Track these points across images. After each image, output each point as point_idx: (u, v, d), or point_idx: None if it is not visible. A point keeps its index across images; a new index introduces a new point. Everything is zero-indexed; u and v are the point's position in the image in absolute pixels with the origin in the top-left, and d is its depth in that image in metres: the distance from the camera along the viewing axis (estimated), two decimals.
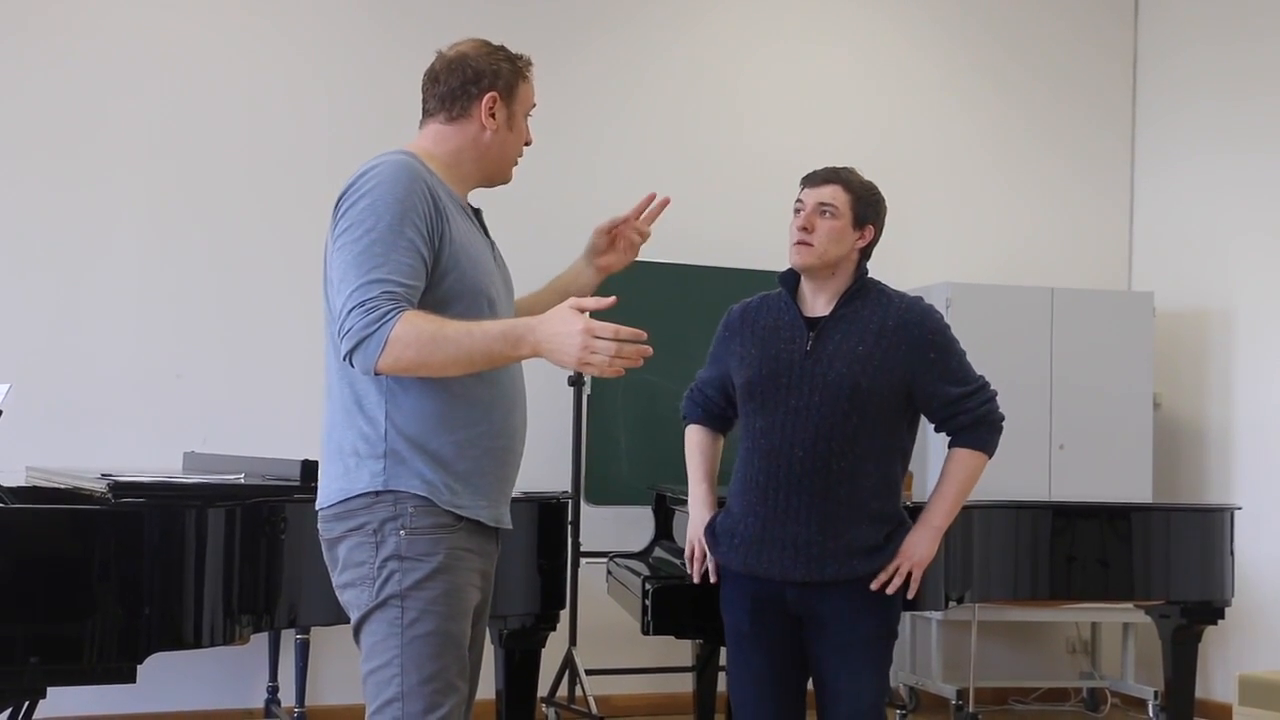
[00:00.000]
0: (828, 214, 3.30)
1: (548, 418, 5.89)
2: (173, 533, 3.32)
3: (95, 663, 3.23)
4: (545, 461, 5.78)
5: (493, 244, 2.84)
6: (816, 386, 3.23)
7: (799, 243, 3.31)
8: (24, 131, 5.53)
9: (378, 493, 2.60)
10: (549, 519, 4.00)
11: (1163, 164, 7.05)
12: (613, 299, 2.55)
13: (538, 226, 6.07)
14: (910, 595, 3.32)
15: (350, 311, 2.50)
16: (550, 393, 5.77)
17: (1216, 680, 6.30)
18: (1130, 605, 5.44)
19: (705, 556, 3.44)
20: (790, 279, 3.40)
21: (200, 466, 4.34)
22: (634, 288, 5.83)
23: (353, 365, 2.53)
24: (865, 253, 3.38)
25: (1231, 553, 4.74)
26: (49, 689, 3.23)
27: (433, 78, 2.81)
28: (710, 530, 3.43)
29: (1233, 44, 6.64)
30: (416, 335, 2.48)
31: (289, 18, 5.82)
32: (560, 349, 2.49)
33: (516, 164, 2.89)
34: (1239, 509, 4.88)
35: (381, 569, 2.58)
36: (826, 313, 3.32)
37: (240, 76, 5.77)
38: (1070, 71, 7.13)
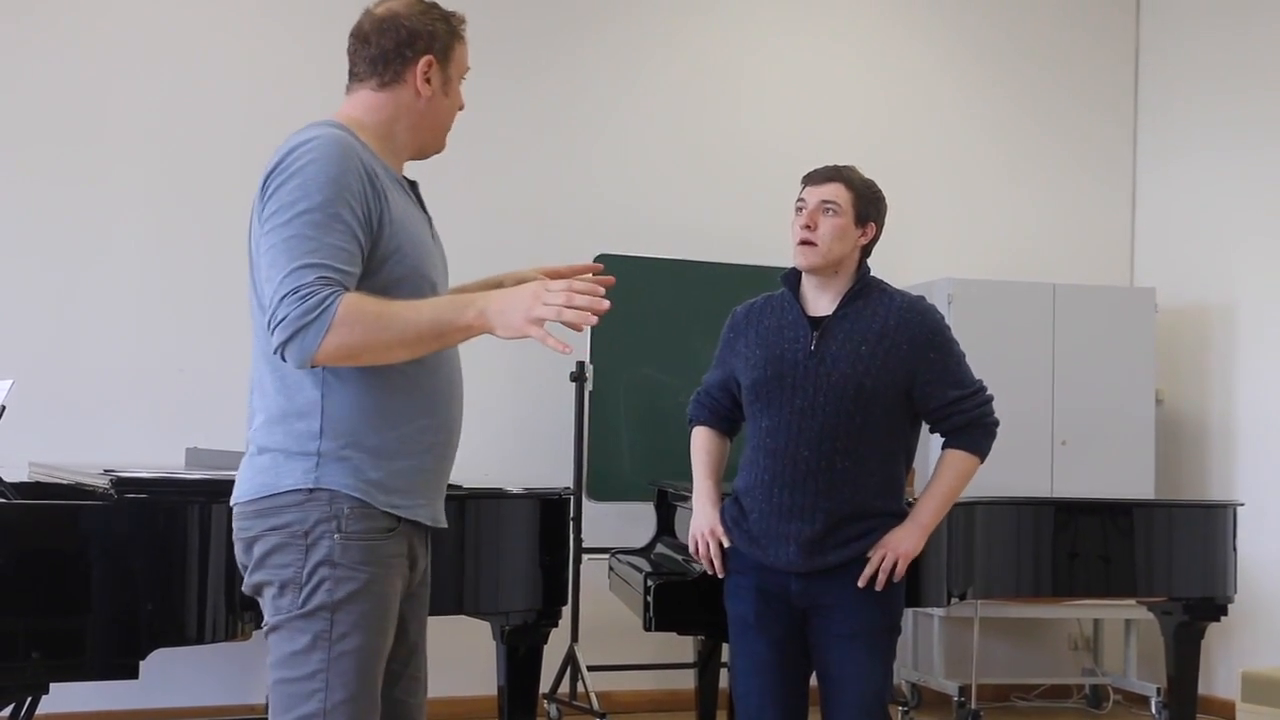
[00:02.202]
0: (830, 212, 3.31)
1: (549, 413, 5.92)
2: (175, 528, 3.33)
3: (98, 658, 3.24)
4: (547, 457, 5.80)
5: (429, 219, 2.65)
6: (821, 387, 3.24)
7: (803, 242, 3.31)
8: (24, 127, 5.52)
9: (310, 490, 2.40)
10: (551, 515, 4.00)
11: (1165, 159, 7.04)
12: (600, 265, 2.46)
13: (536, 221, 6.09)
14: (897, 579, 3.30)
15: (283, 299, 2.28)
16: (552, 389, 5.78)
17: (1219, 677, 6.30)
18: (1133, 602, 5.44)
19: (720, 545, 3.41)
20: (793, 278, 3.41)
21: (202, 462, 4.34)
22: (635, 283, 5.87)
23: (284, 359, 2.32)
24: (867, 251, 3.40)
25: (1234, 549, 4.74)
26: (51, 684, 3.24)
27: (361, 38, 2.57)
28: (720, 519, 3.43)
29: (1236, 37, 6.63)
30: (360, 316, 2.28)
31: (290, 15, 5.82)
32: (509, 308, 2.32)
33: (449, 130, 2.68)
34: (1241, 505, 4.88)
35: (311, 575, 2.39)
36: (830, 312, 3.33)
37: (240, 73, 5.77)
38: (1072, 66, 7.12)
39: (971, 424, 3.36)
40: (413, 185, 2.65)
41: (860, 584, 3.26)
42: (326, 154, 2.38)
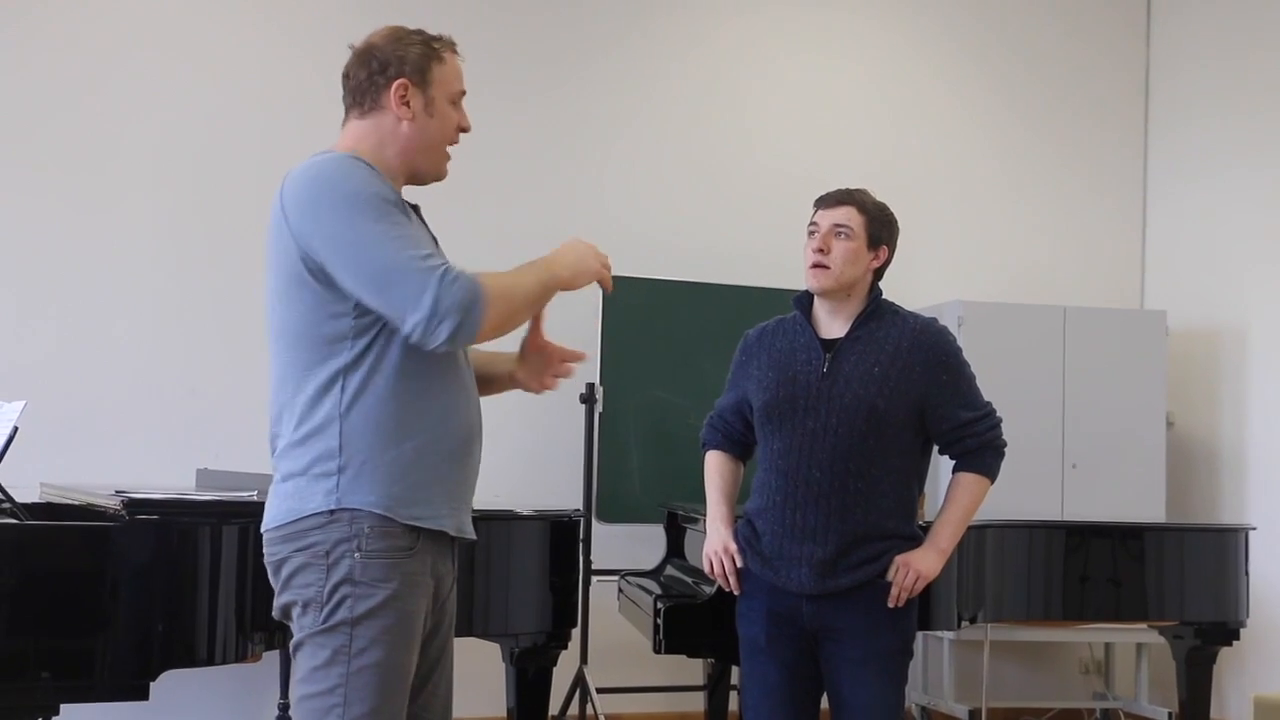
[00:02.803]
0: (843, 235, 3.32)
1: (559, 435, 5.92)
2: (186, 550, 3.33)
3: (107, 679, 3.23)
4: (557, 479, 5.79)
5: (434, 240, 2.68)
6: (834, 409, 3.25)
7: (816, 265, 3.32)
8: (37, 149, 5.55)
9: (332, 511, 2.46)
10: (561, 537, 4.00)
11: (1175, 182, 7.04)
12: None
13: (546, 243, 6.02)
14: (914, 593, 3.30)
15: (437, 295, 2.39)
16: (562, 410, 5.77)
17: (1231, 701, 6.27)
18: (1144, 625, 5.42)
19: (734, 561, 3.40)
20: (805, 301, 3.42)
21: (213, 483, 4.35)
22: (645, 305, 5.88)
23: (435, 346, 2.43)
24: (879, 273, 3.41)
25: (1246, 573, 4.73)
26: (61, 706, 3.23)
27: (345, 74, 2.67)
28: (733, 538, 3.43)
29: (1245, 61, 6.63)
30: (501, 289, 2.50)
31: (307, 40, 5.84)
32: (583, 269, 2.69)
33: (448, 156, 2.73)
34: (1253, 529, 4.87)
35: (333, 594, 2.45)
36: (842, 334, 3.33)
37: (255, 96, 5.79)
38: (1082, 88, 7.13)
39: (983, 447, 3.37)
40: (415, 209, 2.69)
41: (890, 605, 3.25)
42: (350, 167, 2.51)
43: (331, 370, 2.50)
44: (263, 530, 2.56)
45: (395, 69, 2.62)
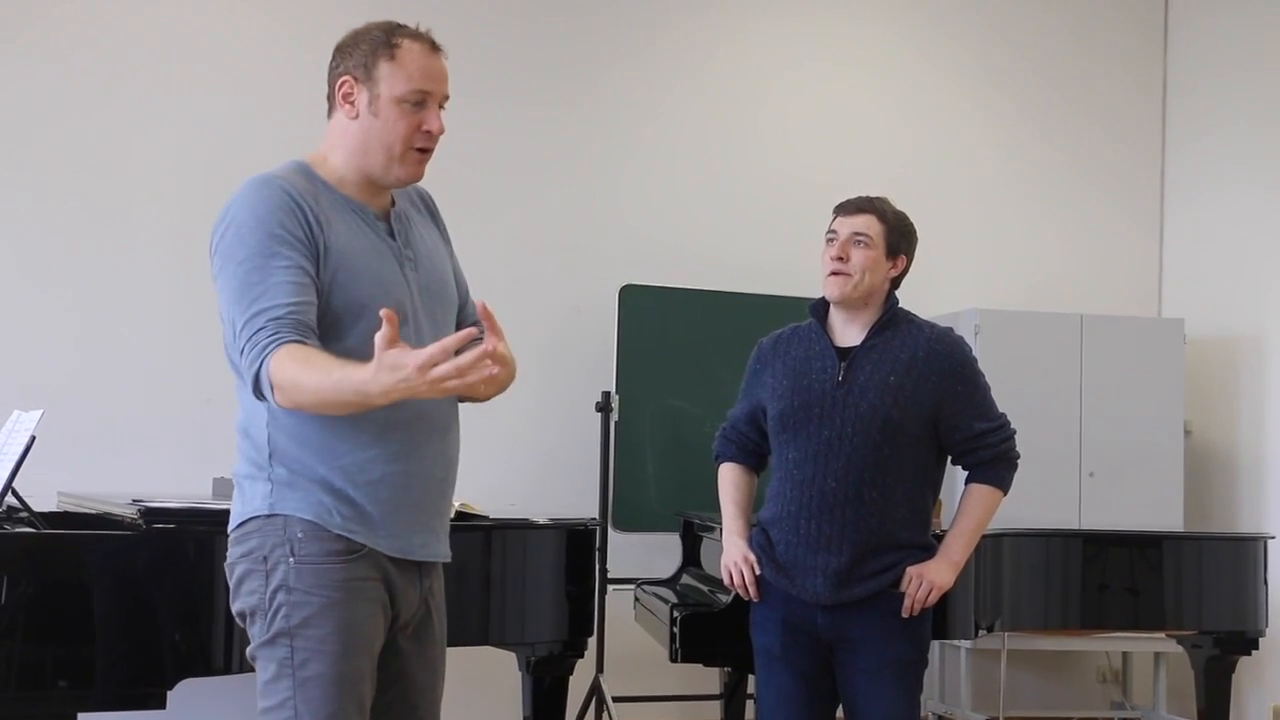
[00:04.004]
0: (862, 244, 3.32)
1: (575, 444, 5.92)
2: (202, 559, 3.33)
3: (125, 688, 3.24)
4: (573, 488, 5.79)
5: (402, 251, 2.56)
6: (849, 418, 3.24)
7: (834, 272, 3.32)
8: (53, 158, 5.57)
9: (268, 516, 2.44)
10: (576, 546, 3.99)
11: (1193, 189, 7.02)
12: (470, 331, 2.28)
13: (561, 252, 6.10)
14: (928, 605, 3.30)
15: (241, 353, 2.35)
16: (578, 419, 5.77)
17: (1250, 712, 6.23)
18: (1162, 635, 5.39)
19: (753, 570, 3.39)
20: (820, 309, 3.42)
21: (229, 492, 4.34)
22: (661, 314, 5.88)
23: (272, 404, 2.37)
24: (896, 282, 3.40)
25: (1265, 582, 4.70)
26: (78, 715, 3.23)
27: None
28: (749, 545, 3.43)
29: (1263, 69, 6.60)
30: (282, 376, 2.29)
31: (323, 49, 5.85)
32: (411, 392, 2.19)
33: (415, 159, 2.53)
34: (1272, 538, 4.85)
35: (272, 601, 2.41)
36: (858, 343, 3.33)
37: (269, 105, 5.80)
38: (1100, 96, 7.11)
39: (997, 458, 3.37)
40: (418, 205, 2.66)
41: (904, 615, 3.25)
42: (252, 196, 2.44)
43: None
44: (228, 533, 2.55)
45: (341, 65, 2.56)
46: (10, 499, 3.46)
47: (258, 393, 2.35)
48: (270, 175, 2.48)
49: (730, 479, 3.55)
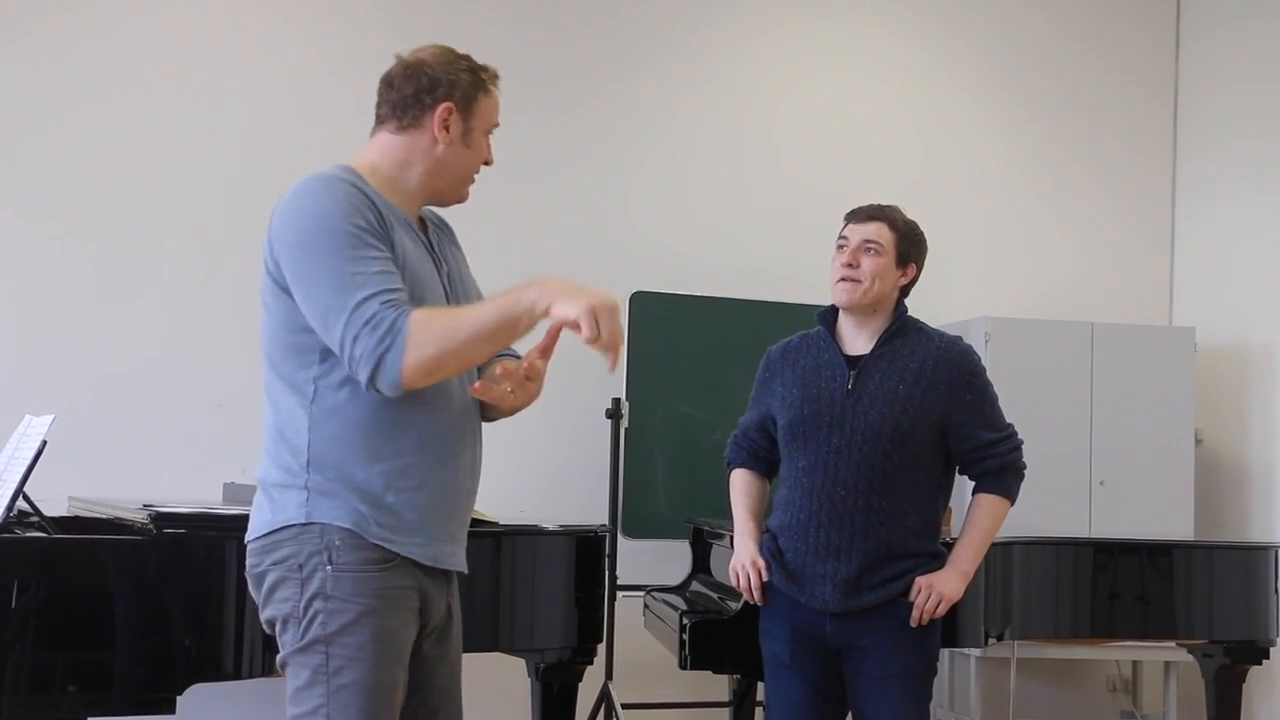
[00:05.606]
0: (872, 251, 3.32)
1: (585, 450, 5.92)
2: (213, 564, 3.35)
3: (134, 693, 3.25)
4: (582, 494, 5.79)
5: (441, 264, 2.66)
6: (859, 426, 3.25)
7: (844, 279, 3.32)
8: (67, 161, 5.59)
9: (304, 524, 2.45)
10: (586, 552, 4.00)
11: (1204, 198, 7.01)
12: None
13: (572, 259, 6.10)
14: (937, 615, 3.30)
15: (356, 338, 2.35)
16: (588, 425, 5.78)
17: None
18: (1173, 644, 5.38)
19: (760, 574, 3.39)
20: (829, 316, 3.42)
21: (240, 498, 4.35)
22: (671, 321, 5.89)
23: (379, 390, 2.38)
24: (905, 291, 3.41)
25: (1276, 591, 4.69)
26: (88, 719, 3.24)
27: (387, 82, 2.64)
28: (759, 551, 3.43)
29: (1275, 79, 6.59)
30: (430, 329, 2.34)
31: (339, 54, 5.88)
32: (568, 296, 2.37)
33: (472, 183, 2.70)
34: None
35: (308, 609, 2.43)
36: (867, 351, 3.33)
37: (285, 110, 5.82)
38: (1111, 105, 7.10)
39: (1004, 468, 3.38)
40: (442, 226, 2.69)
41: (912, 624, 3.25)
42: (322, 195, 2.46)
43: (301, 382, 2.50)
44: (246, 541, 2.55)
45: (445, 91, 2.60)
46: (21, 503, 3.46)
47: (377, 374, 2.34)
48: (333, 175, 2.51)
49: (741, 484, 3.56)
